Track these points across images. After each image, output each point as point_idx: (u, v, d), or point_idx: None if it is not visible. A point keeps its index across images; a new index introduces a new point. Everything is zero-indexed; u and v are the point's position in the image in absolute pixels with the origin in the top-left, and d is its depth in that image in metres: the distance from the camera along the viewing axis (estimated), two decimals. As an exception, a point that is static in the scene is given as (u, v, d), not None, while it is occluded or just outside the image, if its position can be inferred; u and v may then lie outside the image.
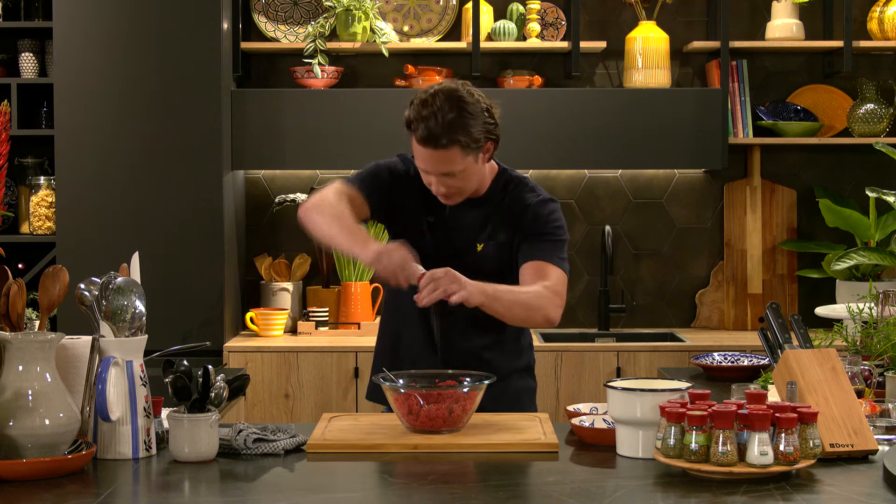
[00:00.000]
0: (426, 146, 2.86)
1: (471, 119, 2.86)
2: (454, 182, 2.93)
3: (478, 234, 3.04)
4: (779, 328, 2.70)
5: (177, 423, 2.45)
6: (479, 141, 2.89)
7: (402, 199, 3.06)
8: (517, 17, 5.11)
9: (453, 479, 2.35)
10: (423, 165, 2.92)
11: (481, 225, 3.04)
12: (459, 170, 2.89)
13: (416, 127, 2.86)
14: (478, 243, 3.03)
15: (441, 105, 2.84)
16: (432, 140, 2.84)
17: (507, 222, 3.04)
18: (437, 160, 2.88)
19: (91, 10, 4.69)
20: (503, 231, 3.04)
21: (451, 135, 2.84)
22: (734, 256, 5.25)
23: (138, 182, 4.71)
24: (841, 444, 2.41)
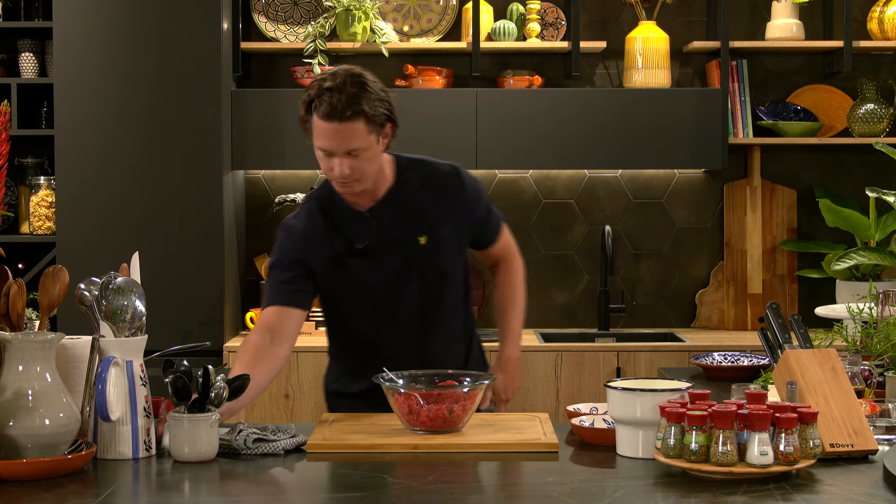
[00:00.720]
0: (330, 121, 2.80)
1: (372, 95, 2.84)
2: (357, 163, 2.85)
3: (416, 230, 3.00)
4: (779, 328, 2.70)
5: (177, 423, 2.45)
6: (381, 118, 2.87)
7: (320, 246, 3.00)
8: (517, 17, 5.11)
9: (453, 479, 2.35)
10: (325, 144, 2.84)
11: (415, 219, 3.00)
12: (363, 147, 2.84)
13: (319, 104, 2.81)
14: (419, 237, 3.00)
15: (343, 81, 2.82)
16: (336, 114, 2.79)
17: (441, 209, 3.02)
18: (342, 135, 2.82)
19: (91, 10, 4.69)
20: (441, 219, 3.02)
21: (355, 106, 2.80)
22: (734, 256, 5.25)
23: (138, 182, 4.71)
24: (841, 444, 2.41)
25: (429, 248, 3.00)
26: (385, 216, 3.00)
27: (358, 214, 2.99)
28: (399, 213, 3.00)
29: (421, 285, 3.01)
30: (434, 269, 3.02)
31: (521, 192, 5.25)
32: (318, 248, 2.99)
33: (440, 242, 3.01)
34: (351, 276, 3.00)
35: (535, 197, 5.26)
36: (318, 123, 2.83)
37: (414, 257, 3.00)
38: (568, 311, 5.27)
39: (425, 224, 3.01)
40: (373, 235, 2.99)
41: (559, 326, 5.25)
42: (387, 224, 2.99)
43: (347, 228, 3.00)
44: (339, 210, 3.00)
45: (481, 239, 3.15)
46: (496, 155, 4.96)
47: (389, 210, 3.00)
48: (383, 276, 2.99)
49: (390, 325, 3.04)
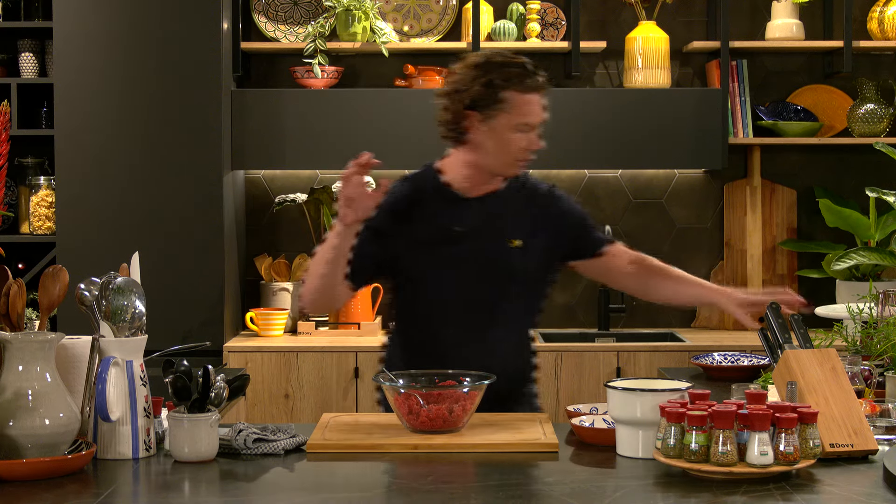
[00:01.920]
0: (535, 93, 2.93)
1: None
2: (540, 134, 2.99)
3: (510, 231, 3.03)
4: (779, 328, 2.70)
5: (177, 423, 2.45)
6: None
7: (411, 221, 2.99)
8: (517, 17, 5.11)
9: (453, 479, 2.35)
10: (531, 117, 2.93)
11: (511, 220, 3.04)
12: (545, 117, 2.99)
13: (520, 79, 2.92)
14: (510, 240, 3.02)
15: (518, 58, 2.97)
16: (537, 86, 2.94)
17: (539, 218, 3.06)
18: (541, 106, 2.96)
19: (91, 10, 4.69)
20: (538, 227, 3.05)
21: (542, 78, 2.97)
22: (734, 256, 5.25)
23: (138, 182, 4.71)
24: (841, 444, 2.41)
25: (518, 253, 3.01)
26: (488, 209, 3.02)
27: (462, 200, 3.02)
28: (500, 211, 3.03)
29: (501, 286, 3.01)
30: (518, 274, 3.02)
31: (521, 192, 5.25)
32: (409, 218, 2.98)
33: (530, 250, 3.03)
34: (435, 258, 2.99)
35: (535, 197, 5.25)
36: (518, 99, 2.92)
37: (504, 256, 3.00)
38: (568, 310, 5.27)
39: (521, 229, 3.03)
40: (472, 222, 3.00)
41: (559, 326, 5.25)
42: (486, 217, 3.01)
43: (447, 210, 3.01)
44: (439, 192, 3.02)
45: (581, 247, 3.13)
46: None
47: (493, 205, 3.03)
48: (467, 267, 2.99)
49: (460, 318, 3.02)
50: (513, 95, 2.91)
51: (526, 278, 3.05)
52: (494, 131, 2.93)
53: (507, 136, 2.93)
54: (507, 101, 2.91)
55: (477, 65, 2.94)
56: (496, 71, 2.91)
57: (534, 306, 3.12)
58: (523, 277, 3.04)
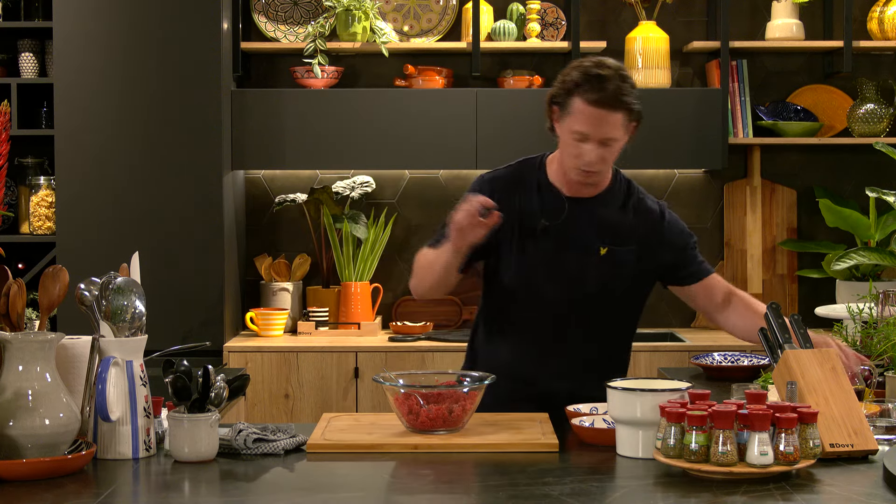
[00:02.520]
0: (598, 107, 2.87)
1: (634, 91, 2.94)
2: (606, 153, 2.92)
3: (601, 238, 3.02)
4: (779, 328, 2.69)
5: (177, 423, 2.45)
6: (637, 115, 2.94)
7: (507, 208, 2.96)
8: (517, 17, 5.11)
9: (453, 479, 2.35)
10: (586, 128, 2.89)
11: (606, 228, 3.02)
12: (617, 138, 2.92)
13: (589, 88, 2.87)
14: (601, 247, 3.01)
15: (614, 72, 2.90)
16: (606, 101, 2.87)
17: (636, 231, 3.05)
18: (605, 123, 2.88)
19: (91, 10, 4.69)
20: (633, 239, 3.04)
21: (623, 98, 2.89)
22: (734, 256, 5.25)
23: (138, 182, 4.71)
24: (841, 444, 2.41)
25: (605, 261, 3.00)
26: (582, 210, 3.01)
27: (557, 195, 3.02)
28: (595, 215, 3.02)
29: (580, 291, 3.01)
30: (602, 282, 3.01)
31: (521, 192, 5.25)
32: (507, 206, 2.97)
33: (618, 261, 3.02)
34: (518, 249, 3.00)
35: (535, 197, 5.25)
36: (580, 107, 2.89)
37: (589, 261, 3.00)
38: (568, 311, 5.27)
39: (612, 238, 3.02)
40: (562, 220, 3.00)
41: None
42: (580, 217, 3.01)
43: (540, 203, 3.01)
44: (539, 183, 3.03)
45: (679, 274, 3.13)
46: (496, 155, 4.96)
47: (588, 207, 3.02)
48: (548, 263, 2.99)
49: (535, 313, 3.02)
50: (578, 101, 2.89)
51: (606, 287, 3.02)
52: (561, 131, 2.96)
53: (567, 141, 2.94)
54: (573, 104, 2.90)
55: (570, 64, 2.97)
56: (577, 72, 2.91)
57: (616, 317, 3.10)
58: (603, 285, 3.01)
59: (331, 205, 5.04)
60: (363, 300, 5.02)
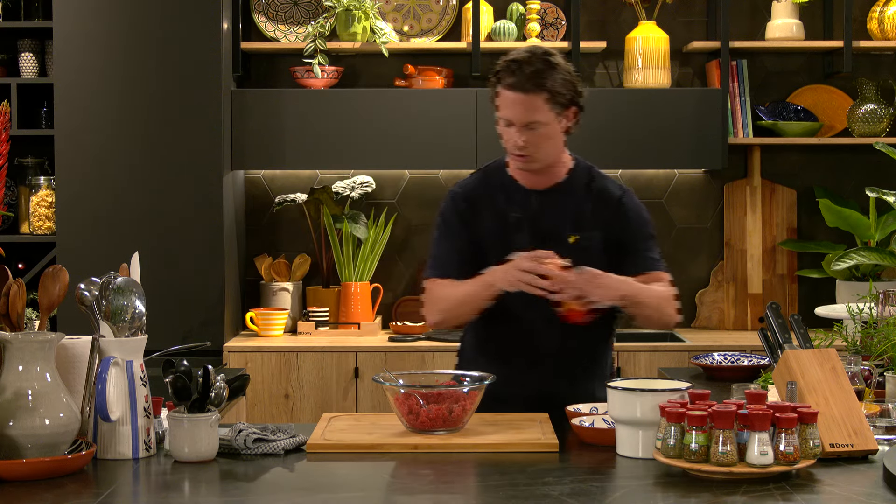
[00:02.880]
0: (514, 91, 2.93)
1: (559, 75, 2.96)
2: (533, 137, 2.96)
3: (569, 227, 3.06)
4: (779, 328, 2.70)
5: (177, 423, 2.45)
6: (564, 97, 2.96)
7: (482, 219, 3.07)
8: (517, 17, 5.11)
9: (453, 479, 2.35)
10: (506, 113, 2.96)
11: (572, 216, 3.06)
12: (542, 121, 2.95)
13: (506, 74, 2.94)
14: (570, 235, 3.05)
15: (533, 57, 2.95)
16: (520, 85, 2.92)
17: (600, 216, 3.08)
18: (523, 106, 2.93)
19: (91, 10, 4.69)
20: (598, 225, 3.07)
21: (538, 80, 2.92)
22: (734, 256, 5.25)
23: (138, 182, 4.71)
24: (841, 444, 2.41)
25: (576, 249, 3.02)
26: (547, 201, 3.06)
27: (522, 191, 3.07)
28: (560, 205, 3.07)
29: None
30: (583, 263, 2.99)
31: (521, 192, 5.25)
32: (477, 212, 3.07)
33: (589, 247, 3.04)
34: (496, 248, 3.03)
35: (535, 197, 5.25)
36: (502, 93, 2.96)
37: (560, 251, 2.99)
38: (568, 311, 5.26)
39: (580, 225, 3.05)
40: (530, 211, 3.05)
41: (559, 326, 5.24)
42: (546, 209, 3.06)
43: (507, 201, 3.07)
44: (504, 183, 3.09)
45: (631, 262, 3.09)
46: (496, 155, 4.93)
47: (553, 197, 3.07)
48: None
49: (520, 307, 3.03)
50: (500, 88, 2.97)
51: None
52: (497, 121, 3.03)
53: (499, 128, 3.02)
54: (498, 93, 2.99)
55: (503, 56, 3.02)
56: (502, 62, 2.99)
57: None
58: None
59: (331, 205, 5.04)
60: (363, 300, 5.02)
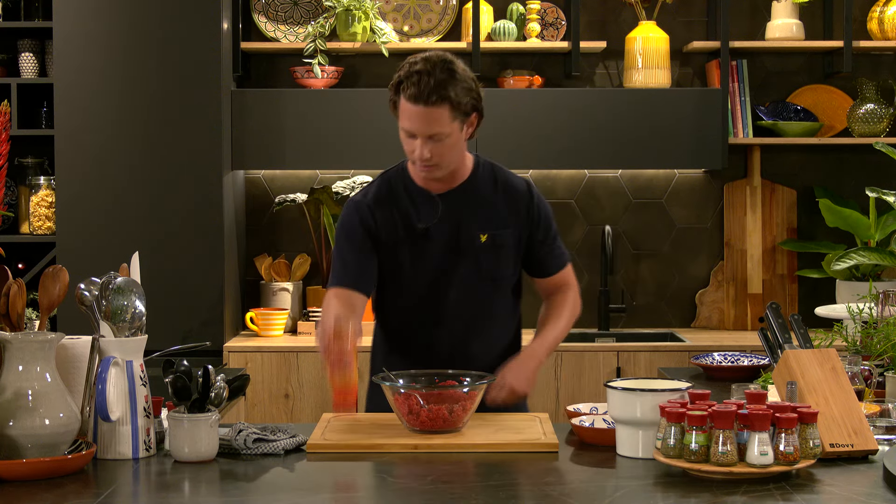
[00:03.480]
0: (416, 103, 2.87)
1: (461, 83, 2.90)
2: (438, 148, 2.91)
3: (478, 226, 3.03)
4: (779, 328, 2.70)
5: (177, 423, 2.45)
6: (467, 106, 2.91)
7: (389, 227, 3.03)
8: (517, 17, 5.11)
9: (453, 479, 2.35)
10: (409, 126, 2.90)
11: (480, 215, 3.04)
12: (446, 133, 2.89)
13: (407, 86, 2.88)
14: (480, 235, 3.03)
15: (433, 66, 2.89)
16: (423, 97, 2.86)
17: (510, 212, 3.06)
18: (426, 119, 2.88)
19: (91, 10, 4.69)
20: (509, 222, 3.06)
21: (441, 92, 2.86)
22: (734, 256, 5.25)
23: (138, 182, 4.71)
24: (841, 444, 2.41)
25: (487, 247, 3.02)
26: (453, 204, 3.03)
27: (427, 197, 3.03)
28: (467, 205, 3.03)
29: (472, 282, 3.03)
30: (488, 269, 3.03)
31: (521, 192, 5.25)
32: (383, 222, 3.02)
33: (500, 244, 3.04)
34: (405, 256, 3.01)
35: (535, 197, 5.25)
36: (404, 105, 2.90)
37: (471, 252, 3.02)
38: (568, 311, 5.27)
39: (489, 223, 3.04)
40: (437, 219, 3.01)
41: (559, 326, 5.24)
42: (453, 212, 3.02)
43: (413, 208, 3.03)
44: (408, 190, 3.04)
45: (541, 264, 3.13)
46: (496, 155, 4.90)
47: (459, 199, 3.04)
48: (437, 264, 3.01)
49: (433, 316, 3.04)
50: (402, 99, 2.91)
51: (495, 273, 3.05)
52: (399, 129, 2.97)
53: (402, 137, 2.96)
54: (399, 102, 2.92)
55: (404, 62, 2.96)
56: (403, 69, 2.92)
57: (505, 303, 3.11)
58: (491, 272, 3.04)
59: (331, 205, 5.04)
60: (363, 300, 5.01)
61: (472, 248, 3.02)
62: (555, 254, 3.14)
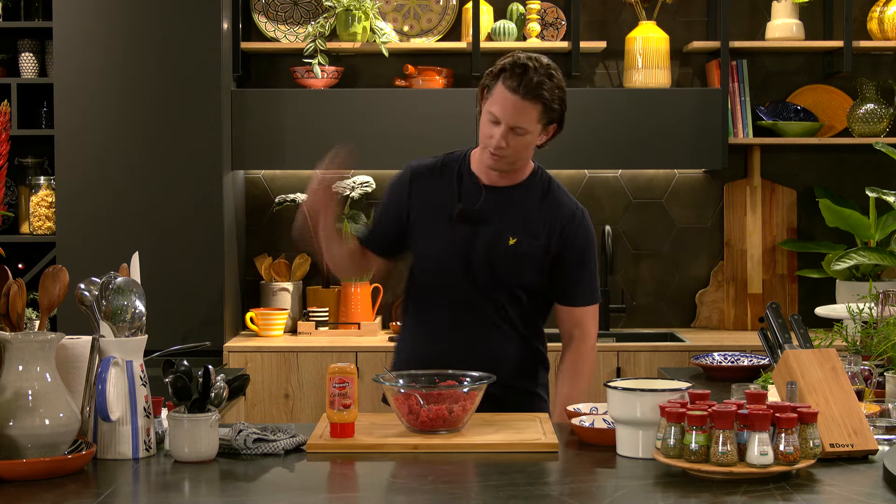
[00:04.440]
0: (514, 93, 2.93)
1: (557, 91, 2.99)
2: (515, 141, 2.97)
3: (511, 228, 3.05)
4: (779, 328, 2.70)
5: (177, 423, 2.45)
6: (554, 113, 3.00)
7: (426, 196, 3.11)
8: (517, 17, 5.11)
9: (453, 479, 2.35)
10: (499, 112, 2.96)
11: (518, 219, 3.06)
12: (529, 129, 2.97)
13: (511, 75, 2.94)
14: (510, 237, 3.05)
15: (539, 66, 2.97)
16: (522, 89, 2.93)
17: (547, 225, 3.07)
18: (517, 109, 2.94)
19: (91, 10, 4.69)
20: (543, 233, 3.06)
21: (539, 90, 2.94)
22: (734, 256, 5.25)
23: (138, 182, 4.71)
24: (841, 444, 2.41)
25: (512, 252, 3.04)
26: (497, 200, 3.07)
27: (476, 184, 3.09)
28: (509, 206, 3.07)
29: (488, 280, 3.04)
30: (506, 272, 3.04)
31: (521, 192, 5.25)
32: (427, 192, 3.10)
33: (525, 252, 3.05)
34: (434, 232, 3.07)
35: (535, 197, 5.25)
36: (500, 91, 2.96)
37: (496, 251, 3.03)
38: (568, 311, 5.27)
39: (523, 230, 3.06)
40: (477, 207, 3.06)
41: (559, 326, 5.24)
42: (494, 207, 3.06)
43: (459, 190, 3.09)
44: (461, 172, 3.11)
45: (567, 291, 3.13)
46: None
47: (504, 198, 3.07)
48: (461, 251, 3.04)
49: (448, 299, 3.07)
50: (499, 85, 2.97)
51: (512, 279, 3.06)
52: (483, 113, 3.03)
53: (483, 121, 3.02)
54: (495, 88, 2.98)
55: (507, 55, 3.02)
56: (509, 60, 2.99)
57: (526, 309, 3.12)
58: (509, 277, 3.05)
59: (331, 205, 5.03)
60: (363, 300, 5.02)
61: (497, 248, 3.03)
62: (585, 286, 3.14)
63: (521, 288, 3.08)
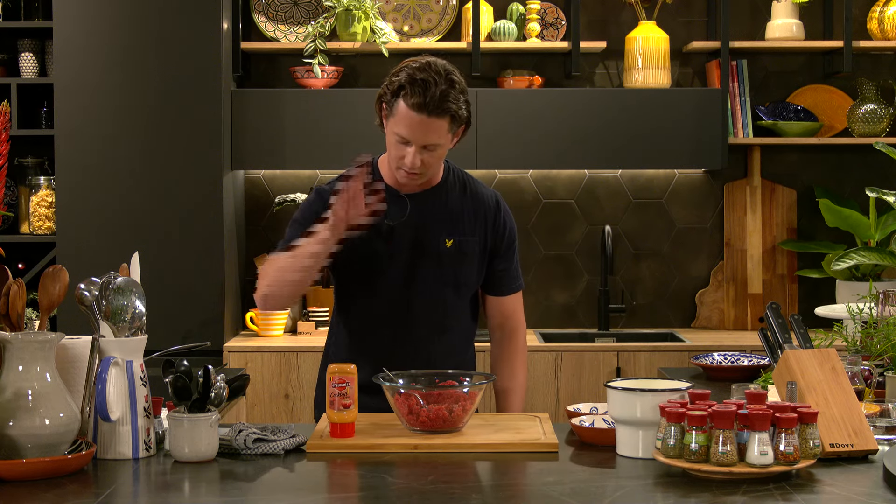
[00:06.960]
0: (419, 112, 2.84)
1: (461, 96, 2.90)
2: (428, 158, 2.90)
3: (444, 230, 3.02)
4: (779, 328, 2.70)
5: (177, 423, 2.45)
6: (462, 119, 2.91)
7: None
8: (517, 17, 5.11)
9: (453, 479, 2.35)
10: (407, 133, 2.87)
11: (447, 219, 3.03)
12: (440, 143, 2.89)
13: (411, 93, 2.84)
14: (446, 239, 3.02)
15: (437, 76, 2.87)
16: (426, 107, 2.83)
17: (477, 220, 3.05)
18: (426, 129, 2.86)
19: (91, 10, 4.69)
20: (475, 229, 3.05)
21: (445, 104, 2.85)
22: (734, 256, 5.25)
23: (138, 182, 4.71)
24: (841, 444, 2.41)
25: (452, 253, 3.02)
26: (422, 205, 3.01)
27: (396, 196, 3.00)
28: (436, 209, 3.02)
29: (433, 285, 3.02)
30: (452, 274, 3.03)
31: (521, 192, 5.25)
32: None
33: (465, 251, 3.03)
34: (369, 254, 2.99)
35: (535, 197, 5.26)
36: (403, 111, 2.86)
37: (436, 256, 3.01)
38: (568, 311, 5.27)
39: (456, 229, 3.03)
40: (406, 218, 2.99)
41: (559, 326, 5.25)
42: (421, 213, 3.01)
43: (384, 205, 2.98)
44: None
45: (498, 282, 3.11)
46: (496, 155, 4.97)
47: (428, 202, 3.02)
48: (400, 263, 3.00)
49: (395, 317, 3.03)
50: (402, 105, 2.86)
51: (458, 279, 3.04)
52: (388, 131, 2.94)
53: (391, 141, 2.93)
54: (397, 107, 2.87)
55: (402, 64, 2.93)
56: (404, 74, 2.89)
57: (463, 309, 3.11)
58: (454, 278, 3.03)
59: (331, 205, 5.03)
60: (363, 300, 5.01)
61: (436, 252, 3.01)
62: (511, 275, 3.13)
63: (465, 286, 3.07)
